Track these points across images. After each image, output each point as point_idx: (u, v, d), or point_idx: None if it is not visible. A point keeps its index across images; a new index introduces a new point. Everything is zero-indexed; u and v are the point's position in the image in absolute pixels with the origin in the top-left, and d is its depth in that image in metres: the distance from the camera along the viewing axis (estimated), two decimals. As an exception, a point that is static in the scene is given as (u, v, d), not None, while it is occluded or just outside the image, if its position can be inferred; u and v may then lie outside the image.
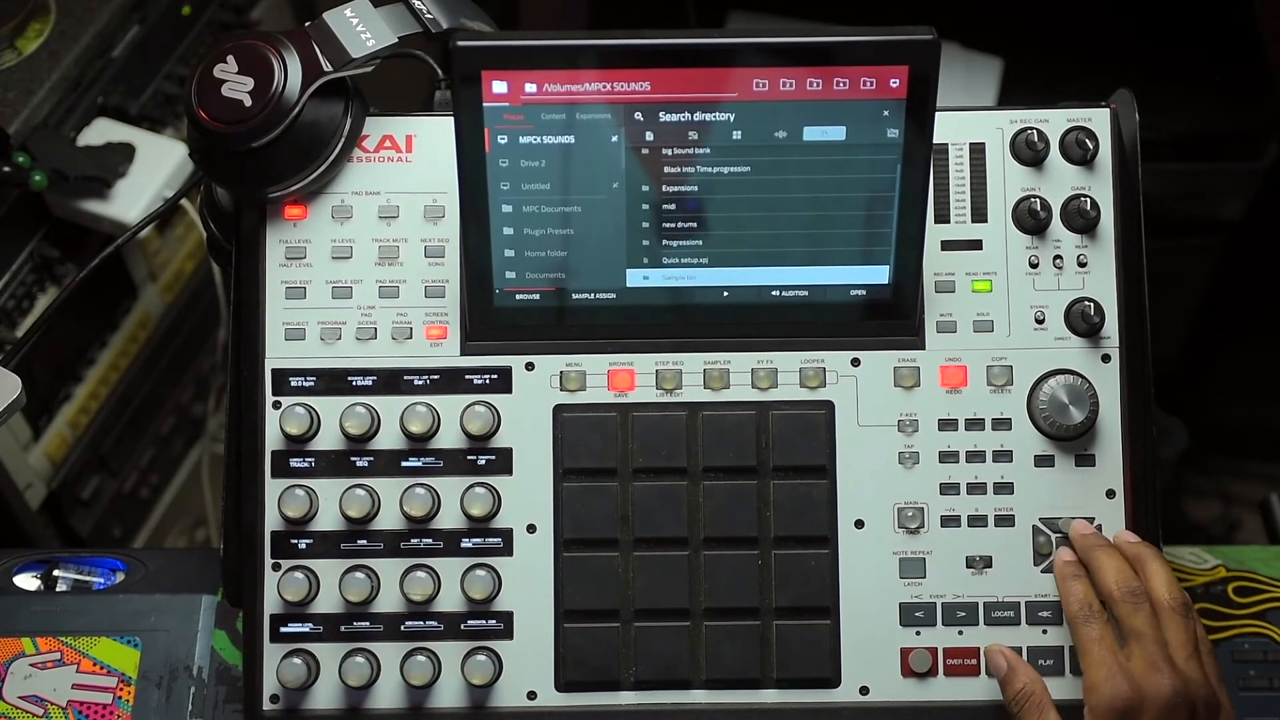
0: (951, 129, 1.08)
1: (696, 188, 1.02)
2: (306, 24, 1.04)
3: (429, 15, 1.06)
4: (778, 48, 0.98)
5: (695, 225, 1.03)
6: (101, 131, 1.50)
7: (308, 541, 1.06)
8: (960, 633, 1.06)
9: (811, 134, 1.00)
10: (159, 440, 1.75)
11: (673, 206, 1.02)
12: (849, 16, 1.75)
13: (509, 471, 1.06)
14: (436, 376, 1.06)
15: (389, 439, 1.06)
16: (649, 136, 1.00)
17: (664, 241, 1.03)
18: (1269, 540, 1.40)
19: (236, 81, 1.01)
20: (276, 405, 1.06)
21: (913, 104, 0.98)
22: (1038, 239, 1.07)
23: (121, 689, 1.11)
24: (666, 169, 1.01)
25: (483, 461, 1.06)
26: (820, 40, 0.97)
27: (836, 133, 1.00)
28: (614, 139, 1.00)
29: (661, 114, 0.99)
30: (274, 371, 1.06)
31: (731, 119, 0.99)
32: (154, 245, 1.63)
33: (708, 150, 1.00)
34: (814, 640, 1.06)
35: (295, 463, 1.06)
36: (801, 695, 1.06)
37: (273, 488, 1.06)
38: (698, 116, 0.99)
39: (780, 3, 1.92)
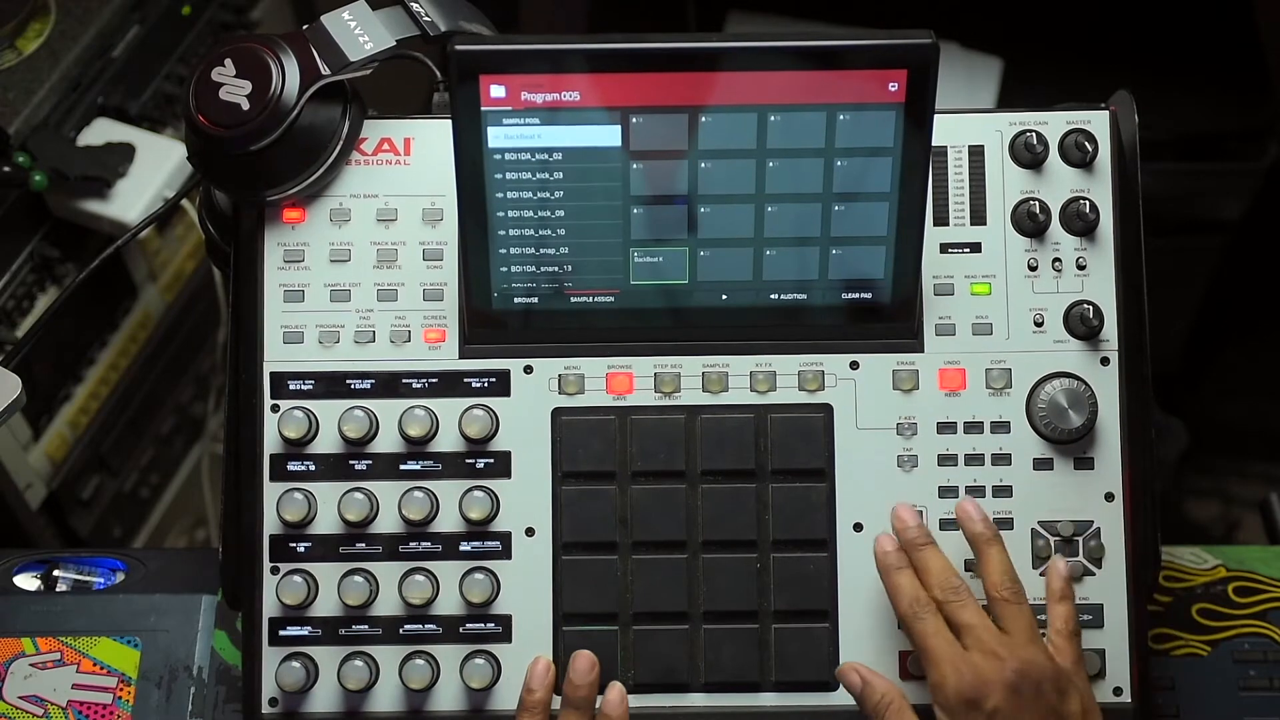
0: (950, 131, 1.07)
1: (694, 191, 1.02)
2: (304, 27, 1.04)
3: (427, 18, 1.06)
4: (776, 51, 0.97)
5: (693, 228, 1.03)
6: (101, 131, 1.50)
7: (306, 545, 1.06)
8: (959, 635, 1.06)
9: (810, 137, 1.00)
10: (159, 440, 1.75)
11: (671, 209, 1.02)
12: (849, 17, 1.76)
13: (508, 475, 1.06)
14: (435, 380, 1.06)
15: (387, 442, 1.06)
16: (646, 139, 1.00)
17: (662, 244, 1.03)
18: (1269, 540, 1.40)
19: (234, 85, 1.01)
20: (275, 409, 1.06)
21: (911, 107, 0.98)
22: (1037, 242, 1.07)
23: (121, 689, 1.11)
24: (664, 172, 1.01)
25: (481, 465, 1.06)
26: (819, 44, 0.97)
27: (835, 136, 0.99)
28: (612, 142, 1.00)
29: (659, 117, 0.99)
30: (272, 375, 1.06)
31: (729, 122, 0.99)
32: (154, 245, 1.63)
33: (705, 153, 1.00)
34: (813, 643, 1.06)
35: (294, 466, 1.06)
36: (800, 698, 1.06)
37: (271, 491, 1.06)
38: (695, 120, 0.99)
39: (780, 4, 1.92)
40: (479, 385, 1.06)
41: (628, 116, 0.99)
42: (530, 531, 1.06)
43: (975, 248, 1.07)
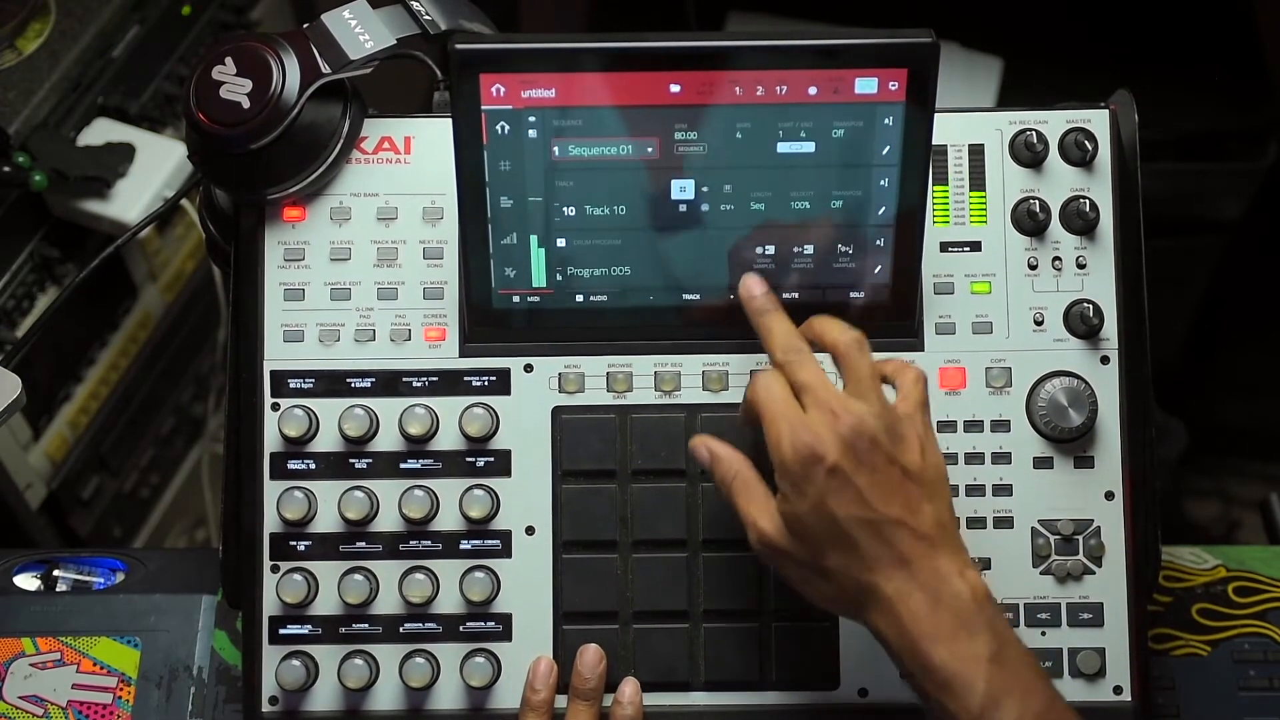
0: (950, 131, 1.07)
1: (695, 189, 1.02)
2: (305, 25, 1.04)
3: (427, 17, 1.06)
4: (776, 50, 0.98)
5: (693, 226, 1.03)
6: (101, 131, 1.50)
7: (306, 543, 1.06)
8: (959, 634, 1.06)
9: (811, 136, 1.00)
10: (159, 440, 1.75)
11: (671, 207, 1.02)
12: (849, 17, 1.76)
13: (508, 473, 1.06)
14: (435, 378, 1.06)
15: (388, 441, 1.06)
16: (647, 138, 1.00)
17: (662, 242, 1.03)
18: (1269, 540, 1.40)
19: (235, 83, 1.01)
20: (275, 407, 1.06)
21: (912, 106, 0.98)
22: (1037, 240, 1.07)
23: (121, 689, 1.11)
24: (665, 170, 1.01)
25: (481, 463, 1.06)
26: (819, 43, 0.97)
27: (836, 135, 1.00)
28: (612, 140, 1.00)
29: (659, 116, 0.99)
30: (272, 373, 1.06)
31: (730, 121, 0.99)
32: (154, 245, 1.63)
33: (705, 151, 1.00)
34: (813, 642, 1.06)
35: (294, 465, 1.06)
36: (800, 697, 1.06)
37: (271, 490, 1.06)
38: (696, 118, 0.99)
39: (780, 4, 1.92)
40: (479, 384, 1.06)
41: (628, 115, 0.99)
42: (530, 530, 1.06)
43: (975, 246, 1.08)
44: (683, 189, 1.02)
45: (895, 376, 0.98)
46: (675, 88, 0.98)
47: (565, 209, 1.02)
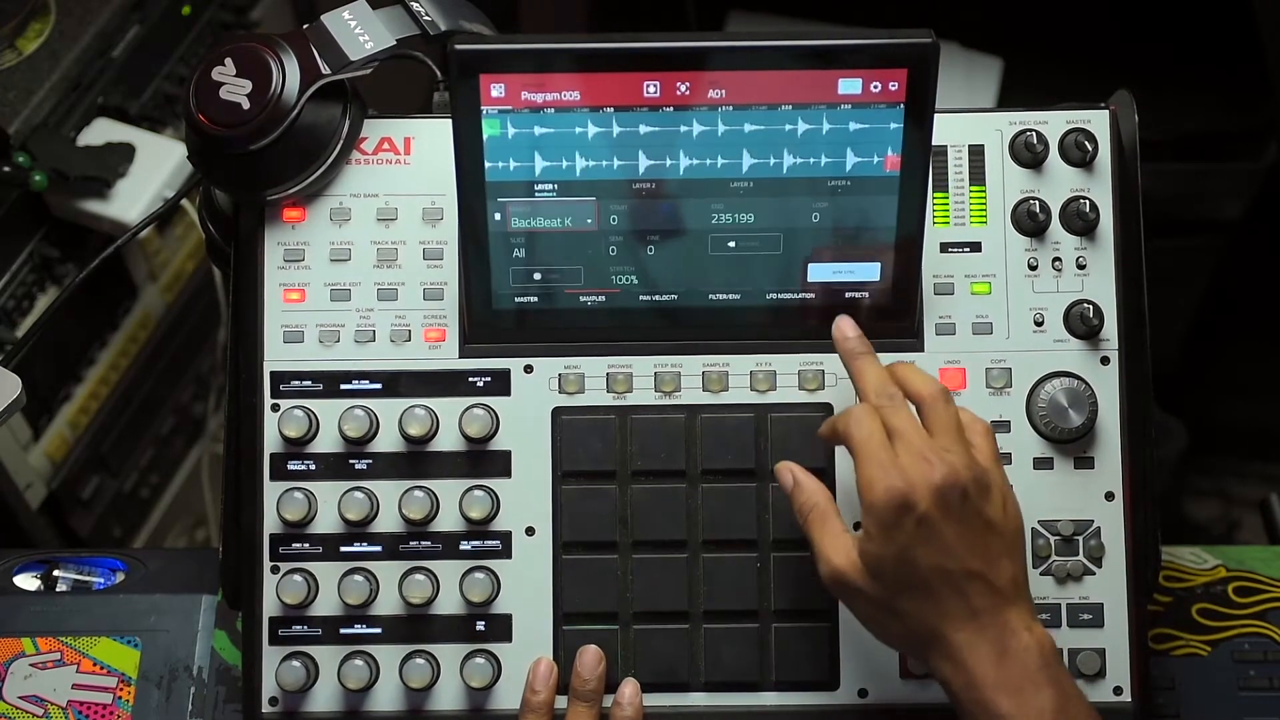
0: (950, 131, 1.07)
1: (695, 190, 1.02)
2: (305, 26, 1.04)
3: (427, 18, 1.06)
4: (776, 51, 0.98)
5: (694, 226, 1.03)
6: (101, 131, 1.50)
7: (306, 544, 1.06)
8: (959, 635, 1.06)
9: (811, 137, 1.00)
10: (159, 440, 1.75)
11: (671, 207, 1.02)
12: (849, 17, 1.76)
13: (508, 474, 1.06)
14: (435, 379, 1.06)
15: (388, 442, 1.06)
16: (647, 138, 1.00)
17: (663, 242, 1.03)
18: (1269, 540, 1.40)
19: (234, 84, 1.01)
20: (275, 408, 1.06)
21: (911, 106, 0.98)
22: (1037, 241, 1.07)
23: (121, 689, 1.11)
24: (664, 171, 1.01)
25: (482, 464, 1.06)
26: (819, 43, 0.97)
27: (835, 135, 1.00)
28: (612, 141, 1.00)
29: (659, 116, 0.99)
30: (272, 374, 1.06)
31: (730, 121, 0.99)
32: (154, 245, 1.63)
33: (705, 152, 1.00)
34: (813, 643, 1.06)
35: (294, 465, 1.06)
36: (800, 697, 1.06)
37: (271, 490, 1.06)
38: (695, 118, 0.99)
39: (780, 4, 1.92)
40: (479, 384, 1.06)
41: (628, 115, 0.99)
42: (530, 531, 1.06)
43: (975, 247, 1.08)
44: (683, 188, 1.02)
45: (967, 429, 0.98)
46: (675, 88, 0.98)
47: (565, 208, 1.02)
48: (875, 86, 0.98)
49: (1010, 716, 0.92)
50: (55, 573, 1.18)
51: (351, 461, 1.06)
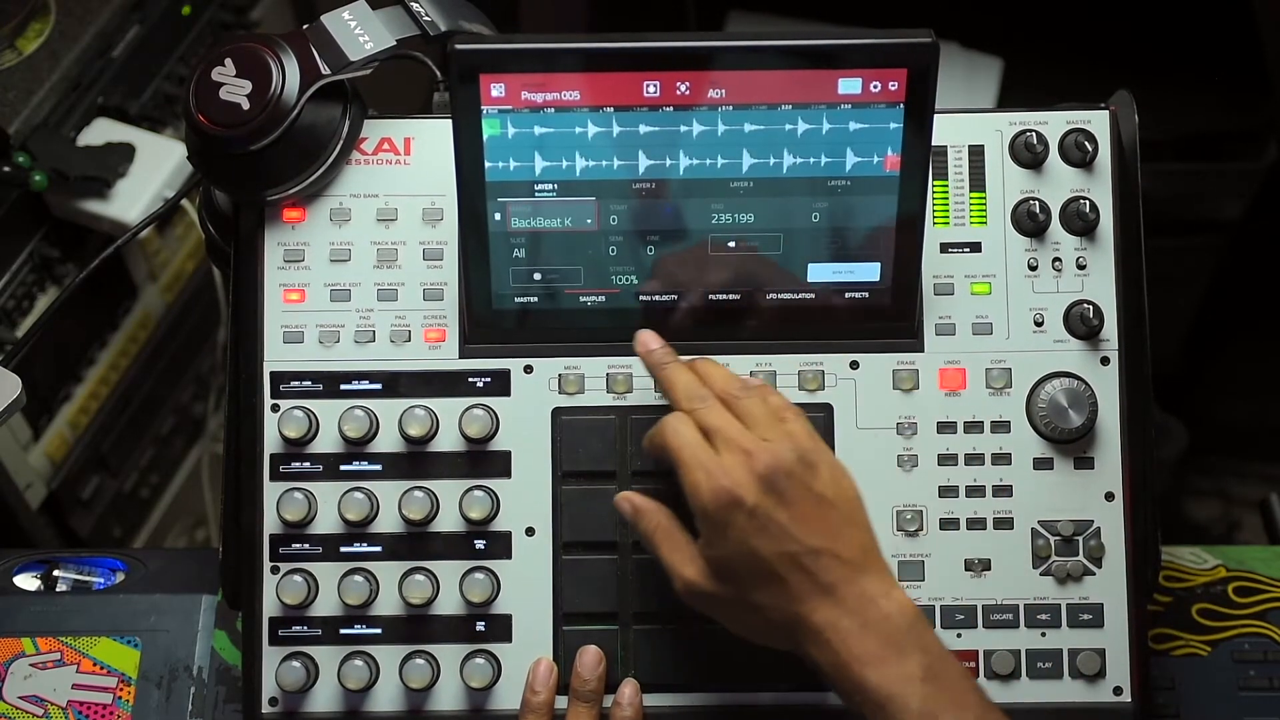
0: (951, 131, 1.07)
1: (695, 190, 1.02)
2: (305, 26, 1.04)
3: (427, 18, 1.06)
4: (776, 50, 0.98)
5: (694, 226, 1.03)
6: (101, 131, 1.50)
7: (306, 545, 1.06)
8: (959, 635, 1.06)
9: (811, 136, 1.00)
10: (159, 440, 1.75)
11: (671, 207, 1.02)
12: (849, 17, 1.76)
13: (508, 474, 1.06)
14: (435, 379, 1.06)
15: (388, 442, 1.06)
16: (647, 138, 1.00)
17: (663, 242, 1.03)
18: (1269, 540, 1.40)
19: (234, 85, 1.01)
20: (275, 408, 1.06)
21: (911, 106, 0.98)
22: (1037, 241, 1.07)
23: (121, 689, 1.11)
24: (664, 171, 1.01)
25: (481, 465, 1.06)
26: (819, 43, 0.97)
27: (835, 135, 1.00)
28: (612, 141, 1.00)
29: (659, 116, 0.99)
30: (272, 374, 1.06)
31: (730, 121, 0.99)
32: (154, 245, 1.63)
33: (705, 152, 1.00)
34: (813, 643, 1.06)
35: (294, 466, 1.06)
36: (799, 697, 1.06)
37: (271, 491, 1.06)
38: (695, 118, 0.99)
39: (780, 4, 1.92)
40: (479, 385, 1.06)
41: (628, 115, 0.99)
42: (530, 531, 1.06)
43: (975, 247, 1.08)
44: (682, 188, 1.02)
45: (778, 413, 0.98)
46: (675, 88, 0.98)
47: (565, 209, 1.02)
48: (875, 86, 0.98)
49: (880, 687, 0.92)
50: (55, 573, 1.18)
51: (351, 462, 1.06)
